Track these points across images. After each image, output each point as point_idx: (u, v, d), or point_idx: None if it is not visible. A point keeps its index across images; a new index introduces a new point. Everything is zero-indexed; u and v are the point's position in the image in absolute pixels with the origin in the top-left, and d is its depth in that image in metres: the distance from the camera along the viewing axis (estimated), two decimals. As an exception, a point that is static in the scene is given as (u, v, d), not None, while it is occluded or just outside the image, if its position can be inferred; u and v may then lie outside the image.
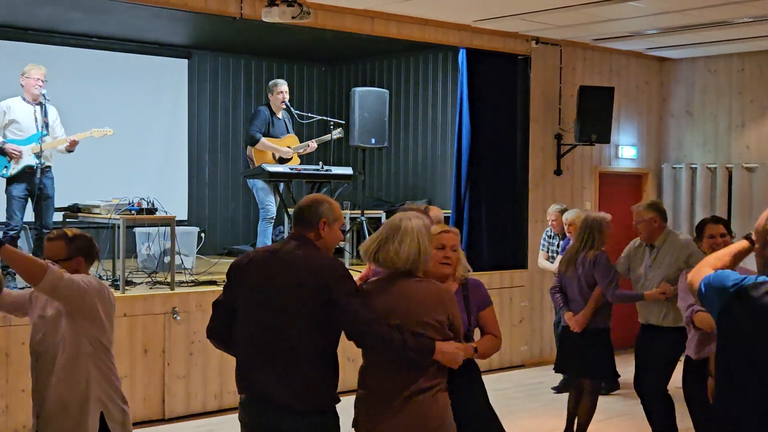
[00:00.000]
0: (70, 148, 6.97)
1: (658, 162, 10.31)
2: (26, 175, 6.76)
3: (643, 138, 10.19)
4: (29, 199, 6.87)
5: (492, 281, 8.47)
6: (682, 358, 5.31)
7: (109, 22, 8.79)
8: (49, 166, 6.84)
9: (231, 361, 3.53)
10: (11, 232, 6.78)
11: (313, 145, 8.36)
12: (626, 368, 6.50)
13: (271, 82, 8.37)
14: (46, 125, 6.85)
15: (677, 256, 5.58)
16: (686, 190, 10.00)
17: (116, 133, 7.49)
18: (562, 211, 7.66)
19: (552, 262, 7.82)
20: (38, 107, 6.85)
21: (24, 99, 6.85)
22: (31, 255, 3.66)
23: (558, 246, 7.81)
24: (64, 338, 3.61)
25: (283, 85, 8.22)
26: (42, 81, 6.82)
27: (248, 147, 8.21)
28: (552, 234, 7.98)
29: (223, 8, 6.97)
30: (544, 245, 8.12)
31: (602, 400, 7.00)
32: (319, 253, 3.29)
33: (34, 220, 6.91)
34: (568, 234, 7.40)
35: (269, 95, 8.26)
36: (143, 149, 9.89)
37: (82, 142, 7.10)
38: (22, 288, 6.46)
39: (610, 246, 6.02)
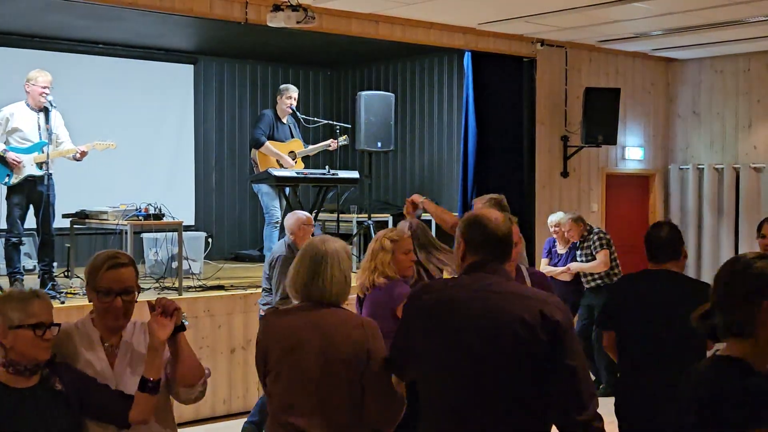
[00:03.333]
0: (79, 158, 6.93)
1: (665, 163, 10.29)
2: (27, 182, 6.69)
3: (649, 139, 10.17)
4: (30, 206, 6.82)
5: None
6: None
7: (115, 28, 8.81)
8: (50, 173, 6.77)
9: (238, 366, 3.52)
10: (13, 239, 6.75)
11: (334, 144, 8.40)
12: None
13: (282, 86, 8.38)
14: (49, 133, 6.75)
15: None
16: (693, 191, 9.97)
17: (123, 139, 7.48)
18: (577, 220, 7.69)
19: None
20: (41, 114, 6.76)
21: (27, 105, 6.74)
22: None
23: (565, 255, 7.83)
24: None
25: (293, 92, 8.24)
26: (48, 88, 6.70)
27: (252, 150, 8.23)
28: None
29: (229, 13, 6.99)
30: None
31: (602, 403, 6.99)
32: None
33: (36, 226, 6.88)
34: (555, 236, 7.72)
35: (278, 98, 8.27)
36: (150, 155, 9.91)
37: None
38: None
39: (622, 249, 6.05)
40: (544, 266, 8.00)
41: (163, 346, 2.81)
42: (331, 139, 8.49)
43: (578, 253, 7.66)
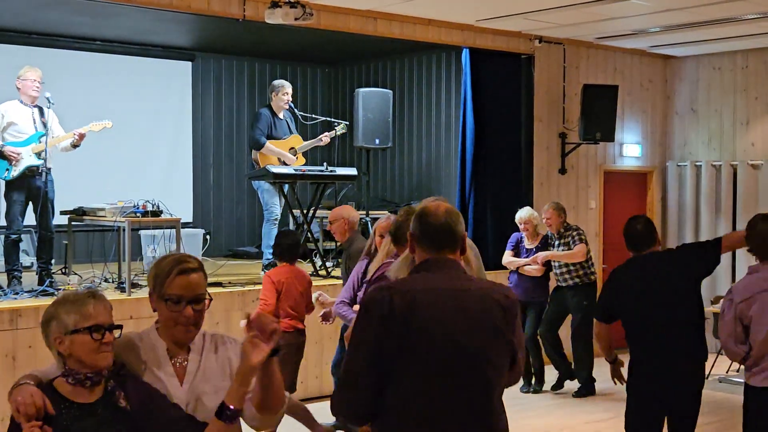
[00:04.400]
0: (78, 142, 6.92)
1: (662, 160, 10.30)
2: (27, 178, 6.71)
3: (647, 136, 10.18)
4: (29, 203, 6.83)
5: (497, 281, 8.45)
6: None
7: (113, 25, 8.80)
8: (49, 168, 6.79)
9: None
10: (13, 236, 6.76)
11: (326, 138, 8.38)
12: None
13: (276, 83, 8.33)
14: (45, 125, 6.78)
15: None
16: (691, 188, 9.98)
17: (121, 135, 7.49)
18: (559, 209, 7.71)
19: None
20: (36, 109, 6.79)
21: (21, 102, 6.78)
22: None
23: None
24: None
25: (289, 87, 8.24)
26: (39, 83, 6.73)
27: (253, 151, 8.21)
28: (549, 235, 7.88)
29: (226, 10, 6.98)
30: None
31: (608, 399, 7.02)
32: None
33: (35, 223, 6.89)
34: (524, 232, 7.69)
35: (273, 95, 8.24)
36: (148, 152, 9.91)
37: (86, 145, 7.05)
38: (29, 291, 6.49)
39: (620, 245, 6.06)
40: (507, 258, 7.80)
41: (255, 372, 2.40)
42: (324, 134, 8.46)
43: (557, 243, 7.66)
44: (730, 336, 4.31)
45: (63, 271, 7.53)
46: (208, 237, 9.35)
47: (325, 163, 7.93)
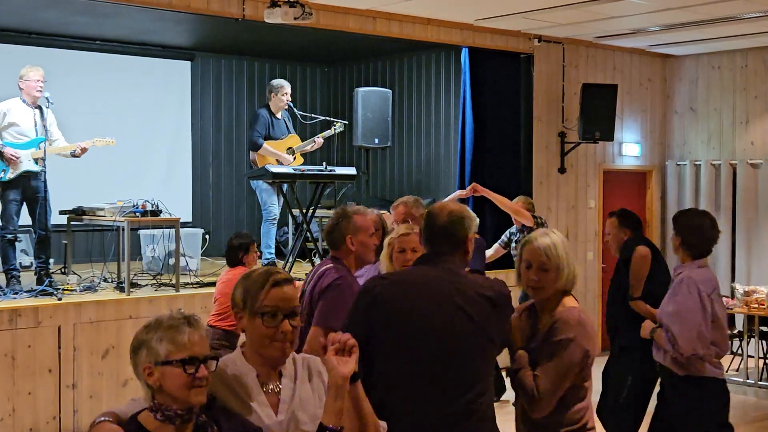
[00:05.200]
0: (79, 154, 6.93)
1: (662, 159, 10.30)
2: (22, 178, 6.69)
3: (646, 135, 10.18)
4: (24, 203, 6.81)
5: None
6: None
7: (112, 25, 8.80)
8: (44, 170, 6.76)
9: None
10: (9, 236, 6.75)
11: (319, 140, 8.35)
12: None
13: (275, 83, 8.29)
14: (45, 129, 6.77)
15: None
16: (690, 187, 9.98)
17: (120, 135, 7.47)
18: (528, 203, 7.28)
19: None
20: (38, 110, 6.76)
21: (23, 101, 6.76)
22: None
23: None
24: None
25: (288, 87, 8.22)
26: (41, 83, 6.71)
27: (251, 152, 8.20)
28: (515, 230, 7.32)
29: (226, 10, 6.98)
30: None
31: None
32: None
33: (32, 223, 6.88)
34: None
35: (272, 95, 8.21)
36: (147, 151, 9.90)
37: (85, 145, 7.07)
38: (28, 291, 6.49)
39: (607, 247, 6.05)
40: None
41: (346, 385, 2.27)
42: (318, 135, 8.43)
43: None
44: (707, 336, 4.34)
45: (62, 270, 7.52)
46: (207, 236, 9.35)
47: (324, 163, 7.92)
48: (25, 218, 6.96)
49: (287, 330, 2.36)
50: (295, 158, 8.24)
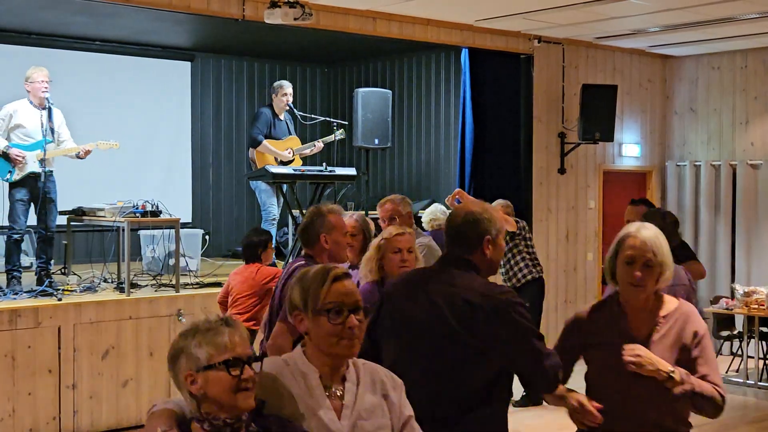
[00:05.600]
0: (83, 156, 6.96)
1: (662, 160, 10.30)
2: (30, 179, 6.73)
3: (646, 136, 10.18)
4: (32, 203, 6.84)
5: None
6: None
7: (112, 25, 8.80)
8: (51, 171, 6.81)
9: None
10: (15, 236, 6.77)
11: (319, 145, 8.36)
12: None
13: (276, 84, 8.36)
14: (52, 131, 6.79)
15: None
16: (690, 187, 9.98)
17: (120, 136, 7.48)
18: (505, 207, 7.27)
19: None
20: (44, 112, 6.78)
21: (30, 103, 6.79)
22: None
23: None
24: None
25: (288, 87, 8.22)
26: (47, 83, 6.74)
27: (250, 149, 8.21)
28: None
29: (226, 10, 6.98)
30: None
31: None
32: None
33: (37, 223, 6.90)
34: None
35: (273, 96, 8.25)
36: (147, 152, 9.90)
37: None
38: (28, 291, 6.49)
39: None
40: None
41: None
42: (318, 140, 8.45)
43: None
44: None
45: (62, 271, 7.52)
46: (207, 237, 9.35)
47: (324, 163, 7.92)
48: (32, 219, 6.97)
49: (354, 325, 2.27)
50: (294, 159, 8.24)
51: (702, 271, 6.35)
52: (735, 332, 8.54)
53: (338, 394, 2.28)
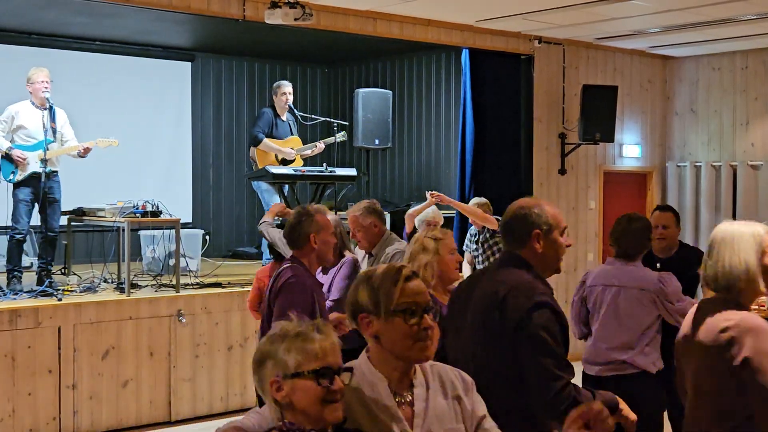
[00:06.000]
0: (83, 154, 6.97)
1: (662, 160, 10.29)
2: (33, 180, 6.74)
3: (647, 136, 10.18)
4: (35, 203, 6.85)
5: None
6: None
7: (112, 25, 8.80)
8: (56, 171, 6.84)
9: (236, 364, 3.51)
10: (18, 236, 6.78)
11: (320, 146, 8.36)
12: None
13: (275, 84, 8.37)
14: (54, 131, 6.81)
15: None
16: (691, 188, 9.97)
17: (120, 136, 7.48)
18: (481, 206, 7.10)
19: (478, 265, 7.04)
20: (46, 112, 6.81)
21: (32, 103, 6.81)
22: None
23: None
24: None
25: (286, 87, 8.22)
26: (48, 83, 6.76)
27: (251, 148, 8.22)
28: (474, 232, 7.19)
29: (226, 10, 6.98)
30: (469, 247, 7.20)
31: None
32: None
33: (40, 223, 6.90)
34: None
35: (273, 97, 8.27)
36: (147, 152, 9.90)
37: (86, 145, 7.08)
38: (28, 291, 6.49)
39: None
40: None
41: None
42: (320, 141, 8.44)
43: (477, 246, 7.01)
44: (574, 316, 4.49)
45: (62, 271, 7.52)
46: (207, 237, 9.34)
47: (324, 164, 7.92)
48: (35, 219, 6.98)
49: (430, 326, 2.14)
50: (294, 158, 8.24)
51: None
52: (735, 333, 8.52)
53: (408, 400, 2.16)
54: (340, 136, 8.33)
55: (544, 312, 2.64)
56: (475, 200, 7.41)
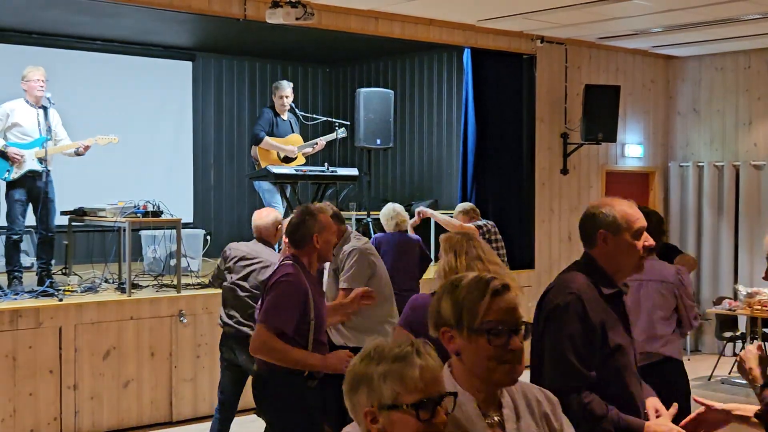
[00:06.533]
0: (82, 152, 6.94)
1: (665, 160, 10.27)
2: (27, 179, 6.71)
3: (649, 136, 10.15)
4: (30, 203, 6.82)
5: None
6: None
7: (114, 25, 8.79)
8: (49, 170, 6.79)
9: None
10: (14, 237, 6.75)
11: (321, 143, 8.34)
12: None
13: (274, 84, 8.35)
14: (49, 129, 6.79)
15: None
16: (693, 188, 9.95)
17: (121, 135, 7.47)
18: (466, 212, 7.19)
19: None
20: (41, 110, 6.78)
21: (27, 102, 6.78)
22: None
23: None
24: None
25: (284, 90, 8.16)
26: (43, 82, 6.72)
27: (253, 147, 8.20)
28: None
29: (227, 10, 6.96)
30: None
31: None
32: None
33: (36, 223, 6.88)
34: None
35: (272, 97, 8.26)
36: (148, 152, 9.89)
37: (87, 145, 7.06)
38: (29, 292, 6.47)
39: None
40: None
41: None
42: (320, 138, 8.41)
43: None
44: None
45: (63, 271, 7.51)
46: (208, 237, 9.32)
47: (326, 164, 7.90)
48: (30, 219, 6.95)
49: (518, 348, 1.96)
50: (297, 157, 8.22)
51: (693, 261, 6.65)
52: (738, 333, 8.51)
53: (497, 420, 1.98)
54: (341, 132, 8.30)
55: (567, 312, 2.67)
56: (460, 206, 7.43)
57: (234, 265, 5.28)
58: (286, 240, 4.49)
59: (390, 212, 6.75)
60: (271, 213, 5.45)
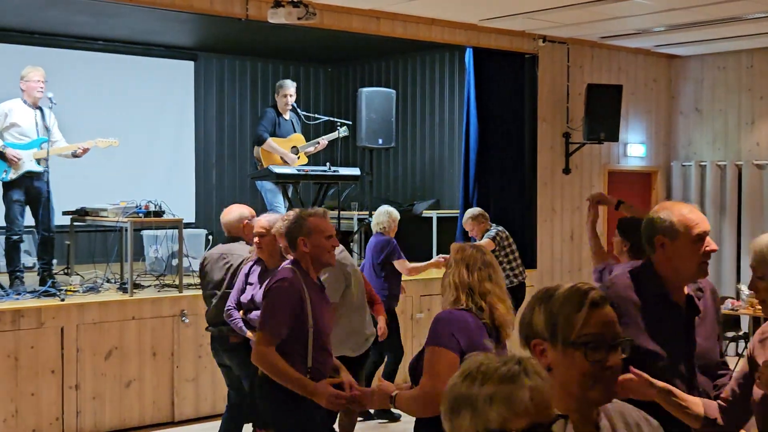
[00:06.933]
0: (80, 154, 6.93)
1: (667, 160, 10.26)
2: (25, 179, 6.69)
3: (651, 136, 10.14)
4: (28, 204, 6.80)
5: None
6: None
7: (115, 24, 8.78)
8: (47, 171, 6.76)
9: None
10: (14, 237, 6.74)
11: (323, 142, 8.34)
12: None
13: (277, 83, 8.34)
14: (47, 130, 6.77)
15: None
16: (696, 188, 9.94)
17: (123, 135, 7.46)
18: (475, 217, 7.47)
19: None
20: (38, 111, 6.77)
21: (25, 102, 6.76)
22: None
23: None
24: None
25: (288, 89, 8.16)
26: (42, 82, 6.71)
27: (255, 147, 8.20)
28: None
29: (229, 10, 6.96)
30: None
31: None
32: None
33: (36, 224, 6.87)
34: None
35: (275, 96, 8.25)
36: (150, 152, 9.88)
37: (88, 146, 7.06)
38: (31, 292, 6.47)
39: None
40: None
41: None
42: (322, 137, 8.42)
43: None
44: None
45: (65, 271, 7.50)
46: (210, 237, 9.31)
47: (328, 163, 7.89)
48: (28, 219, 6.94)
49: (616, 365, 1.83)
50: (299, 157, 8.22)
51: None
52: (741, 333, 8.50)
53: None
54: (343, 131, 8.30)
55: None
56: (469, 212, 7.59)
57: (213, 267, 5.27)
58: (257, 240, 4.65)
59: (381, 214, 6.94)
60: (235, 209, 5.45)
